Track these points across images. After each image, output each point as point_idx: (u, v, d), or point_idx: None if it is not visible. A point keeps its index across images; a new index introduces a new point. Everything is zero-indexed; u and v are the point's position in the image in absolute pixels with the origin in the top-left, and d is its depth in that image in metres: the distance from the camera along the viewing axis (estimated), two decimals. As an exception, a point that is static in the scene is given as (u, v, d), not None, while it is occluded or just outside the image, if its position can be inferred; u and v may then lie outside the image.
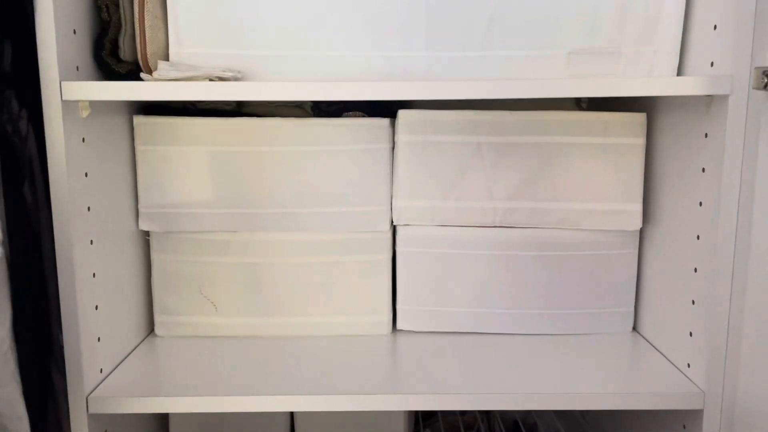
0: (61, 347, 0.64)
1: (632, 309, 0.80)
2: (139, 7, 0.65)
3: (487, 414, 1.00)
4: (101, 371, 0.68)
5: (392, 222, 0.78)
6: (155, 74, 0.63)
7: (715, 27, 0.63)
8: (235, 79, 0.64)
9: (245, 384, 0.67)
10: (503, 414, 1.00)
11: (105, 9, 0.66)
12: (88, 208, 0.65)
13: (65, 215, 0.61)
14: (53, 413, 0.66)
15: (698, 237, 0.66)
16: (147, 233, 0.78)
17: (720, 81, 0.60)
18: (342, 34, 0.67)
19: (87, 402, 0.64)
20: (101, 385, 0.67)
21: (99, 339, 0.67)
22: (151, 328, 0.81)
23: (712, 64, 0.63)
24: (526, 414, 1.00)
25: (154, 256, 0.78)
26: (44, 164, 0.61)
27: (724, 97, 0.60)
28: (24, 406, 0.62)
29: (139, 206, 0.76)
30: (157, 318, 0.79)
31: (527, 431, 0.96)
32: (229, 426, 0.87)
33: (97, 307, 0.67)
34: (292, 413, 0.89)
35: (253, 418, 0.87)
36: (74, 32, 0.62)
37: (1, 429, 0.61)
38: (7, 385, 0.61)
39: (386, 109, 0.77)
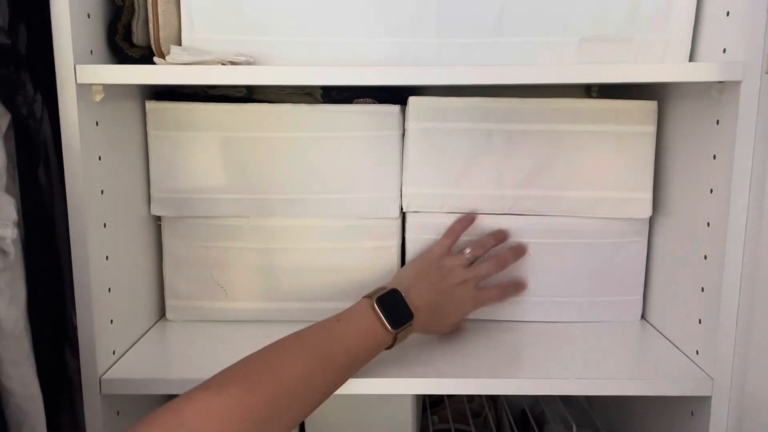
0: (75, 329, 0.65)
1: (641, 297, 0.80)
2: (152, -8, 0.66)
3: (494, 402, 1.00)
4: (114, 353, 0.69)
5: (402, 209, 0.78)
6: (168, 58, 0.63)
7: (727, 13, 0.63)
8: (247, 63, 0.65)
9: (255, 367, 0.68)
10: (511, 402, 1.01)
11: (118, -6, 0.66)
12: (102, 192, 0.66)
13: (79, 198, 0.62)
14: (66, 393, 0.67)
15: (708, 224, 0.66)
16: (159, 218, 0.79)
17: (732, 67, 0.60)
18: (353, 21, 0.67)
19: (100, 383, 0.65)
20: (114, 366, 0.68)
21: (112, 321, 0.68)
22: (162, 313, 0.82)
23: (724, 51, 0.63)
24: (534, 402, 1.00)
25: (166, 241, 0.79)
26: (58, 147, 0.62)
27: (736, 84, 0.60)
28: (38, 386, 0.63)
29: (151, 191, 0.77)
30: (168, 302, 0.80)
31: (535, 419, 0.96)
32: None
33: (110, 290, 0.68)
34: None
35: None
36: (88, 16, 0.63)
37: (16, 408, 0.62)
38: (22, 365, 0.62)
39: (396, 97, 0.77)
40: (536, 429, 0.93)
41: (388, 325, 0.63)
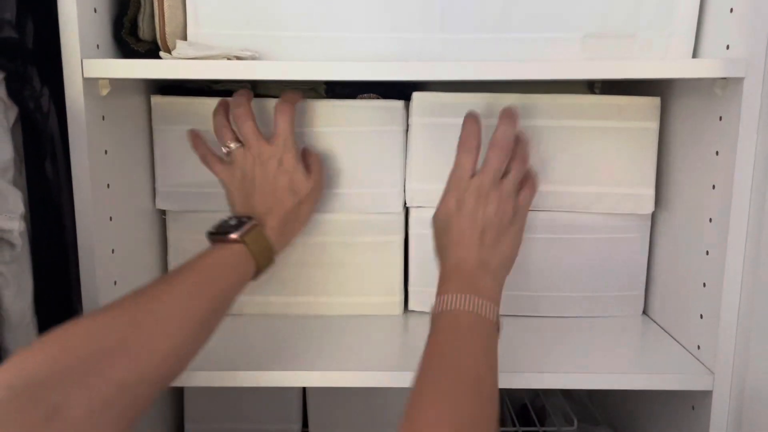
0: (81, 321, 0.65)
1: (642, 292, 0.80)
2: (158, -13, 0.66)
3: (496, 396, 1.01)
4: (119, 345, 0.69)
5: (405, 204, 0.79)
6: (174, 53, 0.64)
7: (731, 10, 0.63)
8: (253, 58, 0.65)
9: (259, 360, 0.68)
10: (512, 396, 1.01)
11: (124, -12, 0.67)
12: (108, 186, 0.66)
13: (86, 192, 0.62)
14: (73, 385, 0.68)
15: (710, 220, 0.66)
16: (163, 212, 0.79)
17: (735, 64, 0.60)
18: (358, 16, 0.67)
19: (106, 375, 0.65)
20: (119, 358, 0.68)
21: (117, 314, 0.68)
22: (166, 306, 0.82)
23: (727, 47, 0.63)
24: (535, 396, 1.01)
25: (170, 235, 0.79)
26: (65, 141, 0.62)
27: (739, 80, 0.60)
28: (45, 378, 0.64)
29: (156, 185, 0.77)
30: (173, 296, 0.81)
31: (536, 414, 0.97)
32: (242, 401, 0.88)
33: (115, 283, 0.68)
34: (304, 390, 0.91)
35: (265, 393, 0.89)
36: (95, 11, 0.63)
37: (23, 399, 0.63)
38: (29, 357, 0.62)
39: (400, 93, 0.77)
40: (537, 423, 0.94)
41: (213, 230, 0.61)
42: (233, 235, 0.60)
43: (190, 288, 0.55)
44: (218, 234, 0.62)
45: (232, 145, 0.69)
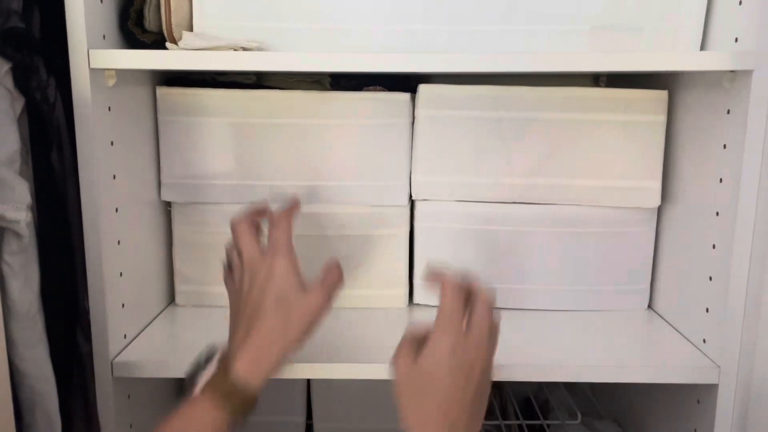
0: (87, 312, 0.65)
1: (648, 286, 0.80)
2: (164, -22, 0.66)
3: (499, 389, 1.01)
4: (125, 337, 0.69)
5: (411, 197, 0.79)
6: (180, 44, 0.64)
7: (740, 2, 0.63)
8: (259, 49, 0.65)
9: (265, 352, 0.68)
10: (515, 390, 1.02)
11: (130, -21, 0.67)
12: (114, 177, 0.66)
13: (92, 183, 0.62)
14: (78, 376, 0.68)
15: (717, 213, 0.66)
16: (169, 204, 0.79)
17: (744, 56, 0.60)
18: (364, 7, 0.67)
19: (112, 366, 0.66)
20: (125, 350, 0.68)
21: (123, 305, 0.69)
22: (172, 298, 0.82)
23: (736, 40, 0.63)
24: (538, 390, 1.01)
25: (176, 227, 0.79)
26: (71, 132, 0.62)
27: (747, 73, 0.60)
28: (51, 368, 0.64)
29: (162, 177, 0.77)
30: (178, 287, 0.81)
31: (539, 407, 0.97)
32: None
33: (121, 274, 0.68)
34: (308, 382, 0.91)
35: (269, 385, 0.89)
36: (101, 1, 0.63)
37: (29, 389, 0.63)
38: (36, 347, 0.62)
39: (406, 86, 0.77)
40: (541, 417, 0.94)
41: (186, 374, 0.58)
42: (196, 389, 0.57)
43: None
44: (189, 383, 0.59)
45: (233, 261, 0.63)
